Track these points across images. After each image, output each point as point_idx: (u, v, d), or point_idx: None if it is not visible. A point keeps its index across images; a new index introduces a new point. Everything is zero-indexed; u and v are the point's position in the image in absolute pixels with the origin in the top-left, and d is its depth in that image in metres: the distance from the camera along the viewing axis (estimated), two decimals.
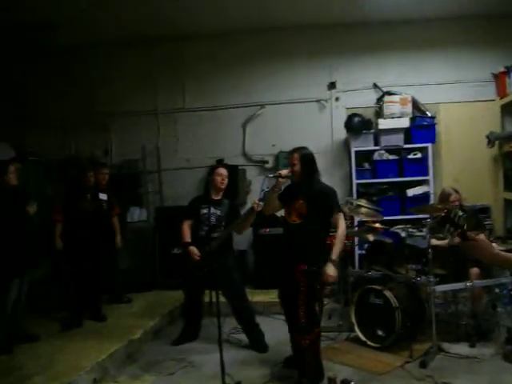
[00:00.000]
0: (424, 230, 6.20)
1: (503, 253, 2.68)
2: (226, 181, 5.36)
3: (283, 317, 4.77)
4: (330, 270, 4.29)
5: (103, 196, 6.02)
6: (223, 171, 5.38)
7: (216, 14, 6.58)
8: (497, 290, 5.01)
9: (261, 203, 4.71)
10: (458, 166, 6.95)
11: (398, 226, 6.36)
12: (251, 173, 7.42)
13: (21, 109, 7.47)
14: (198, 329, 5.52)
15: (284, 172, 4.45)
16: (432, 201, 6.63)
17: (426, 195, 6.70)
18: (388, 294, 4.88)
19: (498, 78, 6.78)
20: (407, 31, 7.02)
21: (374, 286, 5.03)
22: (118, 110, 7.53)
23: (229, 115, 7.44)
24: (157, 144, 7.53)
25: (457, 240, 5.20)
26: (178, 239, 6.76)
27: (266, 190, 4.70)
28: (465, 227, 2.83)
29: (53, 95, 7.60)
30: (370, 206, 5.61)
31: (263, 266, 6.77)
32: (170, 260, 6.87)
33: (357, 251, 6.62)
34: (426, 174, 6.73)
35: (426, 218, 6.50)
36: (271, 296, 6.32)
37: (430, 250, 4.71)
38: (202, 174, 7.43)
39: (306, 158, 4.48)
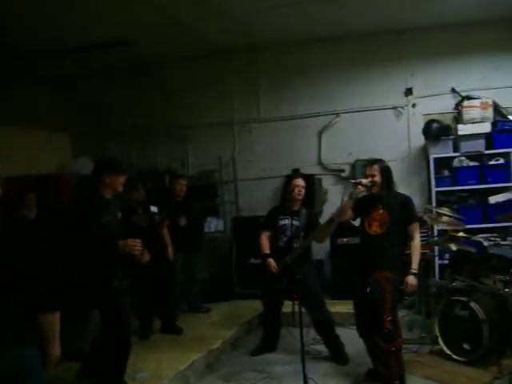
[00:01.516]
0: (509, 238, 6.05)
1: None
2: (303, 191, 5.35)
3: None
4: (412, 280, 4.34)
5: (154, 209, 5.84)
6: (300, 182, 5.37)
7: (290, 23, 6.58)
8: None
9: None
10: None
11: (481, 235, 6.21)
12: (327, 182, 7.39)
13: (102, 122, 7.76)
14: (277, 340, 5.52)
15: (364, 181, 4.43)
16: None
17: (510, 202, 6.44)
18: (474, 305, 4.71)
19: None
20: (485, 33, 6.79)
21: (459, 298, 4.87)
22: (194, 122, 7.70)
23: (304, 124, 7.44)
24: (233, 154, 7.62)
25: None
26: (255, 249, 6.87)
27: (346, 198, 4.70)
28: None
29: (132, 109, 7.88)
30: (452, 215, 5.45)
31: (341, 276, 6.68)
32: (247, 270, 6.96)
33: (437, 261, 6.44)
34: (510, 180, 6.47)
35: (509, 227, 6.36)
36: (349, 307, 6.24)
37: None
38: (277, 183, 7.47)
39: (386, 170, 4.51)
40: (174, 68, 7.75)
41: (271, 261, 5.20)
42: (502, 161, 6.52)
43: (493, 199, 6.53)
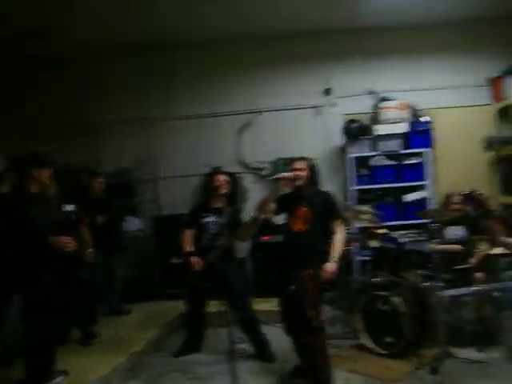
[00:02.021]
0: (423, 235, 6.28)
1: None
2: (226, 187, 5.31)
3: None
4: (331, 266, 4.26)
5: (70, 207, 5.51)
6: (224, 177, 5.33)
7: (212, 20, 6.53)
8: (496, 294, 5.04)
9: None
10: (454, 171, 6.94)
11: (399, 232, 6.41)
12: (248, 180, 7.37)
13: (14, 120, 7.34)
14: (201, 340, 5.43)
15: (287, 174, 4.41)
16: (429, 206, 6.65)
17: (423, 200, 6.68)
18: (395, 300, 4.86)
19: (493, 83, 6.82)
20: (403, 37, 7.04)
21: (380, 293, 5.00)
22: (112, 119, 7.41)
23: (225, 122, 7.38)
24: (152, 152, 7.41)
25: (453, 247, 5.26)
26: (176, 248, 6.74)
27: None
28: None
29: (45, 105, 7.50)
30: (374, 212, 5.59)
31: (262, 274, 6.69)
32: (168, 269, 6.81)
33: (355, 258, 6.59)
34: (424, 178, 6.72)
35: (425, 223, 6.60)
36: (272, 304, 6.26)
37: (437, 255, 4.71)
38: (198, 181, 7.35)
39: (313, 167, 4.57)
40: (90, 63, 7.43)
41: (195, 259, 5.11)
42: (416, 160, 6.76)
43: (408, 197, 6.75)
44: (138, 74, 7.42)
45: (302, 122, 7.31)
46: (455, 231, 5.49)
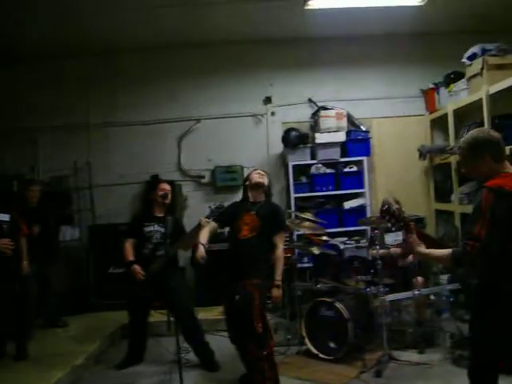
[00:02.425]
0: (362, 241, 6.42)
1: (430, 250, 2.90)
2: (169, 196, 5.25)
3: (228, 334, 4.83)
4: (277, 292, 4.38)
5: (4, 217, 5.12)
6: (167, 186, 5.27)
7: (150, 27, 6.42)
8: (433, 297, 5.21)
9: (208, 220, 4.66)
10: (391, 179, 7.14)
11: (339, 239, 6.51)
12: (187, 188, 7.28)
13: None
14: (144, 351, 5.29)
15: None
16: (368, 213, 6.80)
17: (362, 207, 6.84)
18: (339, 305, 4.92)
19: (427, 94, 7.08)
20: (341, 48, 7.18)
21: (324, 299, 5.05)
22: (45, 124, 7.12)
23: (163, 130, 7.26)
24: (88, 159, 7.20)
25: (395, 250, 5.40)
26: (114, 258, 6.59)
27: (214, 207, 4.69)
28: (406, 220, 2.88)
29: None
30: (315, 219, 5.65)
31: (204, 283, 6.62)
32: (105, 279, 6.61)
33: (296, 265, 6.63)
34: (362, 186, 6.88)
35: (364, 230, 6.76)
36: (213, 313, 6.24)
37: (379, 261, 4.81)
38: (135, 190, 7.23)
39: (269, 178, 4.67)
40: (22, 67, 7.12)
41: (137, 267, 4.99)
42: (355, 168, 6.91)
43: (347, 204, 6.88)
44: (77, 78, 7.19)
45: (241, 130, 7.30)
46: (394, 237, 5.64)
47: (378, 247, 4.81)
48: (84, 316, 6.48)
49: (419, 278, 5.22)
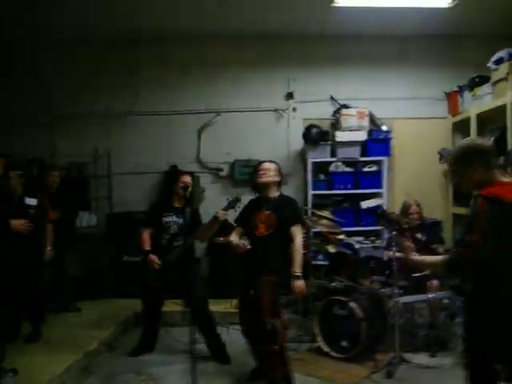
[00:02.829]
0: (378, 241, 6.40)
1: (423, 257, 2.92)
2: (190, 189, 5.27)
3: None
4: (299, 284, 4.37)
5: (31, 201, 5.19)
6: (188, 179, 5.28)
7: (176, 17, 6.42)
8: (446, 301, 5.19)
9: (224, 212, 4.70)
10: (409, 181, 7.11)
11: (354, 238, 6.50)
12: (205, 180, 7.29)
13: None
14: (156, 340, 5.33)
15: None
16: None
17: (379, 207, 6.78)
18: (353, 305, 4.92)
19: (451, 97, 7.02)
20: (365, 46, 7.13)
21: (338, 297, 5.05)
22: (67, 111, 7.16)
23: (184, 121, 7.26)
24: (107, 147, 7.23)
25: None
26: (129, 246, 6.66)
27: (230, 199, 4.70)
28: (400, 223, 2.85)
29: None
30: (333, 218, 5.65)
31: (217, 275, 6.66)
32: (120, 267, 6.68)
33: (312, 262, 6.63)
34: (380, 186, 6.86)
35: (379, 230, 6.73)
36: (226, 306, 6.26)
37: (394, 262, 4.79)
38: (153, 179, 7.25)
39: (281, 171, 4.58)
40: (48, 52, 7.16)
41: (153, 257, 5.02)
42: (374, 168, 6.89)
43: (364, 204, 6.85)
44: (98, 66, 7.19)
45: (262, 124, 7.30)
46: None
47: (394, 248, 4.78)
48: (97, 302, 6.54)
49: (434, 282, 5.19)
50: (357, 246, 6.34)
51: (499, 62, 5.84)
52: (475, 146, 3.01)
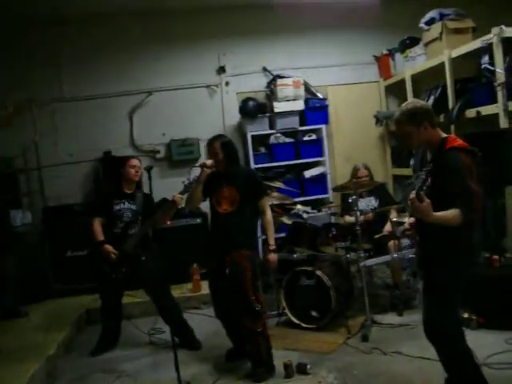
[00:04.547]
0: (324, 209, 6.42)
1: (439, 213, 2.86)
2: (140, 172, 5.02)
3: (201, 311, 5.03)
4: (273, 257, 4.37)
5: None
6: (137, 162, 5.03)
7: None
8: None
9: (181, 196, 4.53)
10: (348, 146, 7.20)
11: (300, 208, 6.47)
12: (142, 163, 6.97)
13: None
14: (118, 335, 5.08)
15: (209, 162, 4.27)
16: (329, 180, 6.83)
17: (322, 175, 6.84)
18: (320, 273, 4.90)
19: (381, 60, 7.10)
20: (294, 15, 7.02)
21: (304, 268, 5.02)
22: None
23: (114, 104, 6.87)
24: (34, 139, 6.75)
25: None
26: (70, 241, 6.31)
27: (187, 182, 4.50)
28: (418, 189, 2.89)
29: None
30: (288, 188, 5.60)
31: (166, 261, 6.42)
32: (64, 264, 6.30)
33: None
34: (322, 154, 6.87)
35: (323, 198, 6.78)
36: (181, 291, 6.09)
37: (358, 227, 4.81)
38: (87, 168, 6.86)
39: (228, 145, 4.41)
40: None
41: (109, 247, 4.74)
42: (314, 137, 6.87)
43: (307, 173, 6.85)
44: (17, 50, 6.63)
45: (195, 101, 7.05)
46: (368, 202, 5.68)
47: (358, 213, 4.80)
48: (45, 303, 6.12)
49: (393, 242, 5.28)
50: (304, 215, 6.35)
51: (430, 22, 5.94)
52: (421, 106, 3.21)
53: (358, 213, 4.79)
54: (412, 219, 3.53)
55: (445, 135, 3.18)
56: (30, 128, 6.76)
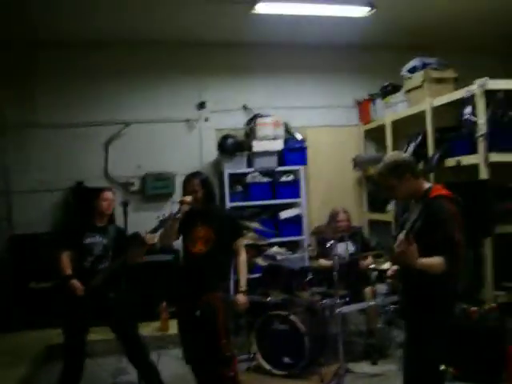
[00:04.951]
0: (299, 251, 6.34)
1: (423, 259, 2.87)
2: (113, 205, 4.86)
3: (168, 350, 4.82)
4: (242, 298, 4.18)
5: None
6: (110, 195, 4.84)
7: (79, 20, 5.91)
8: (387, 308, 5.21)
9: (153, 235, 4.41)
10: (325, 189, 7.17)
11: (273, 249, 6.38)
12: (116, 196, 6.80)
13: None
14: (81, 374, 4.80)
15: (188, 199, 4.13)
16: (304, 223, 6.75)
17: (298, 217, 6.76)
18: (294, 318, 4.77)
19: (361, 105, 7.16)
20: (277, 55, 7.08)
21: (278, 312, 4.88)
22: None
23: (89, 133, 6.72)
24: (4, 162, 6.53)
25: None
26: (35, 271, 6.06)
27: (162, 218, 4.36)
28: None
29: None
30: (264, 229, 5.49)
31: (134, 297, 6.21)
32: (26, 295, 6.04)
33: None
34: (298, 196, 6.80)
35: (298, 240, 6.70)
36: (147, 329, 5.88)
37: (335, 272, 4.71)
38: (56, 197, 6.65)
39: (207, 183, 4.30)
40: None
41: (76, 282, 4.50)
42: (291, 177, 6.82)
43: (283, 214, 6.76)
44: None
45: (173, 135, 6.96)
46: (345, 247, 5.60)
47: (336, 257, 4.70)
48: (4, 336, 5.82)
49: (369, 288, 5.21)
50: (278, 257, 6.24)
51: (413, 70, 6.02)
52: (402, 159, 3.24)
53: (337, 258, 4.68)
54: (395, 267, 3.48)
55: (428, 185, 3.23)
56: (1, 151, 6.54)
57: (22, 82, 6.62)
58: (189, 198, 4.13)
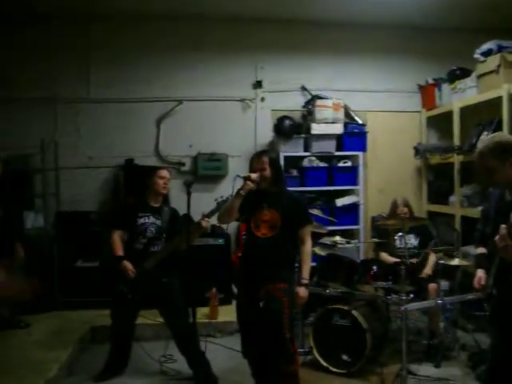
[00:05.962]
0: (352, 241, 6.00)
1: None
2: (168, 185, 4.62)
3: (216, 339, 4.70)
4: (303, 292, 3.86)
5: None
6: (166, 173, 4.62)
7: None
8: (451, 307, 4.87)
9: (209, 220, 4.30)
10: (383, 177, 6.81)
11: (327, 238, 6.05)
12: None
13: None
14: (127, 360, 4.61)
15: (254, 175, 3.82)
16: (361, 211, 6.44)
17: (354, 205, 6.44)
18: (356, 314, 4.47)
19: (425, 90, 6.75)
20: (338, 35, 6.72)
21: (339, 306, 4.59)
22: (4, 94, 6.21)
23: (141, 109, 6.51)
24: (54, 137, 6.35)
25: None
26: (82, 250, 5.89)
27: (220, 200, 4.12)
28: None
29: None
30: (324, 217, 5.20)
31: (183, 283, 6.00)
32: (72, 274, 5.87)
33: None
34: (356, 183, 6.48)
35: (353, 230, 6.38)
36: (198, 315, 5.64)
37: (402, 267, 4.38)
38: (105, 174, 6.48)
39: (277, 162, 4.00)
40: None
41: (128, 264, 4.33)
42: (349, 163, 6.49)
43: (339, 202, 6.45)
44: (44, 46, 6.28)
45: (227, 114, 6.68)
46: (408, 240, 5.25)
47: (406, 252, 4.37)
48: (48, 316, 5.66)
49: (433, 285, 4.87)
50: (337, 246, 5.92)
51: (487, 53, 5.59)
52: (508, 141, 2.83)
53: (406, 252, 4.35)
54: (480, 274, 3.16)
55: None
56: (51, 126, 6.39)
57: (75, 57, 6.46)
58: (254, 175, 3.83)
